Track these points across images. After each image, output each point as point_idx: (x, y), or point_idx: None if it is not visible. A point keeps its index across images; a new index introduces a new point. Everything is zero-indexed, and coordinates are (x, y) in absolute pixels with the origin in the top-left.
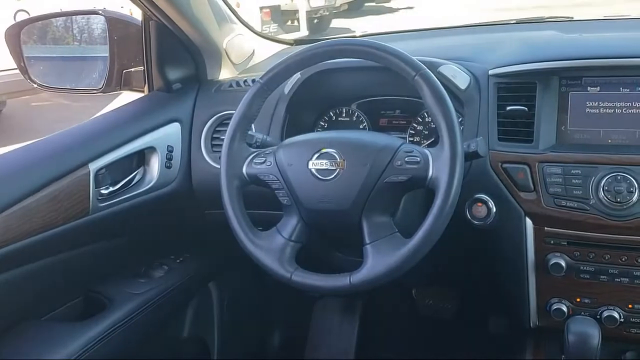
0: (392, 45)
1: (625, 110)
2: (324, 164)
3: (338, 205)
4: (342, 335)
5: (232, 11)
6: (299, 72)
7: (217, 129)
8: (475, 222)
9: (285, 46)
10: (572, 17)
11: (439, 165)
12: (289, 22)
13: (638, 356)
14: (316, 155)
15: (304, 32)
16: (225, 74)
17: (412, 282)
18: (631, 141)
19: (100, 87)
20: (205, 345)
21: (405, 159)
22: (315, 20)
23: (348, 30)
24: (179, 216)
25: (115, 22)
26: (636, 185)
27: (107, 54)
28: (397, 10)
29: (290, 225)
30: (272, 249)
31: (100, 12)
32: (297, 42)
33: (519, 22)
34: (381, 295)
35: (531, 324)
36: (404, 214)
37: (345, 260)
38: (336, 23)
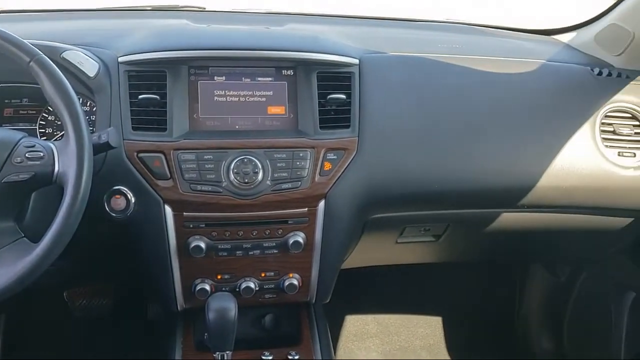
0: (2, 27)
1: (248, 99)
2: None
3: None
4: None
5: None
6: None
7: None
8: (115, 214)
9: None
10: (205, 8)
11: (65, 160)
12: None
13: (275, 318)
14: None
15: None
16: None
17: (60, 284)
18: (254, 126)
19: None
20: None
21: (27, 155)
22: None
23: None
24: None
25: None
26: (260, 167)
27: None
28: None
29: None
30: None
31: None
32: None
33: (154, 9)
34: (28, 304)
35: (178, 307)
36: (35, 215)
37: None
38: None
